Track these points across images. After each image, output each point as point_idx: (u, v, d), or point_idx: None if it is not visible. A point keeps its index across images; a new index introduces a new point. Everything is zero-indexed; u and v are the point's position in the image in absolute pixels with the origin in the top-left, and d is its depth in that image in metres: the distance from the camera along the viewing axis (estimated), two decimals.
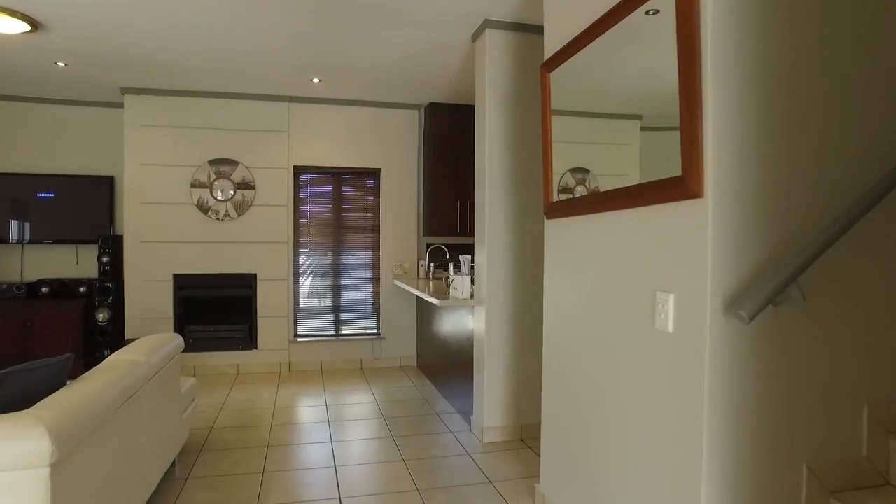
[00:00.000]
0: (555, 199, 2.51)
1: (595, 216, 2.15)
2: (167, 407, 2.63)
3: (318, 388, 4.75)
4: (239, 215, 5.17)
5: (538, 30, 3.50)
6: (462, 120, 5.47)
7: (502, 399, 3.52)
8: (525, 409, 3.56)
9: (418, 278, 5.60)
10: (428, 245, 5.65)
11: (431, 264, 5.60)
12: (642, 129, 1.97)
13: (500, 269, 3.48)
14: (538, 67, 3.55)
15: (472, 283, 3.72)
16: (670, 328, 1.71)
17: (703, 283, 1.58)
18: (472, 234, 5.51)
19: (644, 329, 1.84)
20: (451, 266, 3.89)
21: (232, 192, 5.14)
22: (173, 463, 2.98)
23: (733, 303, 1.56)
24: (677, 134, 1.64)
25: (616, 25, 1.96)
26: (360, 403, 4.32)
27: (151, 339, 2.63)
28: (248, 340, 5.27)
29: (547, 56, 2.52)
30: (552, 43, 2.49)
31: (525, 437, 3.55)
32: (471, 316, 3.75)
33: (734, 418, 1.59)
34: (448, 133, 5.43)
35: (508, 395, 3.53)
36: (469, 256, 3.79)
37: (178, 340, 2.86)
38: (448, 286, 4.04)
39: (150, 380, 2.33)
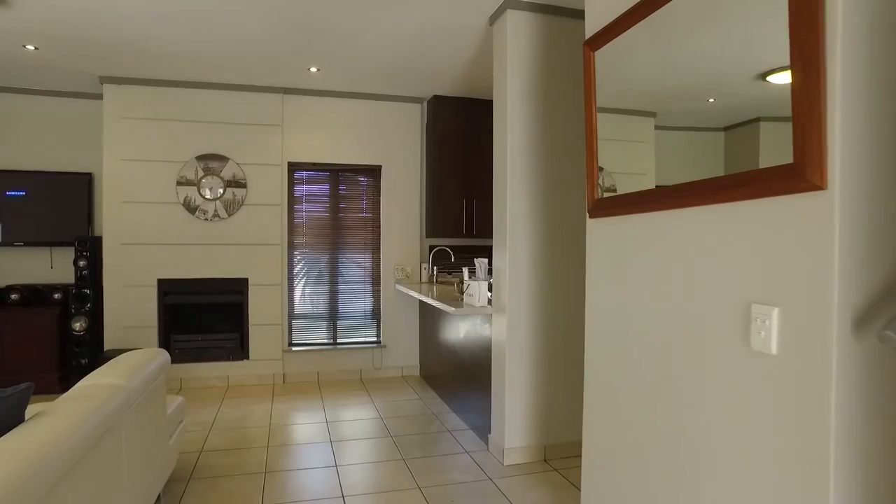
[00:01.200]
0: (600, 195, 2.19)
1: (660, 214, 1.84)
2: (151, 436, 2.27)
3: (316, 402, 4.39)
4: (229, 215, 4.80)
5: (566, 12, 3.20)
6: (469, 114, 5.16)
7: (525, 417, 3.20)
8: (549, 428, 3.24)
9: (421, 282, 5.27)
10: (431, 247, 5.33)
11: (435, 268, 5.27)
12: (656, 127, 1.92)
13: (523, 275, 3.17)
14: (566, 53, 3.24)
15: (489, 289, 3.40)
16: (773, 349, 1.40)
17: (825, 295, 1.27)
18: (478, 235, 5.20)
19: (734, 350, 1.53)
20: (464, 270, 3.57)
21: (221, 190, 4.76)
22: (158, 497, 2.61)
23: (870, 320, 1.26)
24: (691, 134, 1.34)
25: None
26: (363, 419, 3.97)
27: (133, 357, 2.27)
28: (240, 350, 4.89)
29: (591, 32, 2.20)
30: (597, 16, 2.18)
31: (549, 457, 3.24)
32: (488, 325, 3.43)
33: (874, 470, 1.28)
34: (454, 128, 5.12)
35: (532, 412, 3.21)
36: (485, 260, 3.47)
37: (164, 357, 2.50)
38: (461, 292, 3.71)
39: (132, 407, 1.97)
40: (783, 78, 1.40)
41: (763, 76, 1.46)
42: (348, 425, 3.85)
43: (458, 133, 5.13)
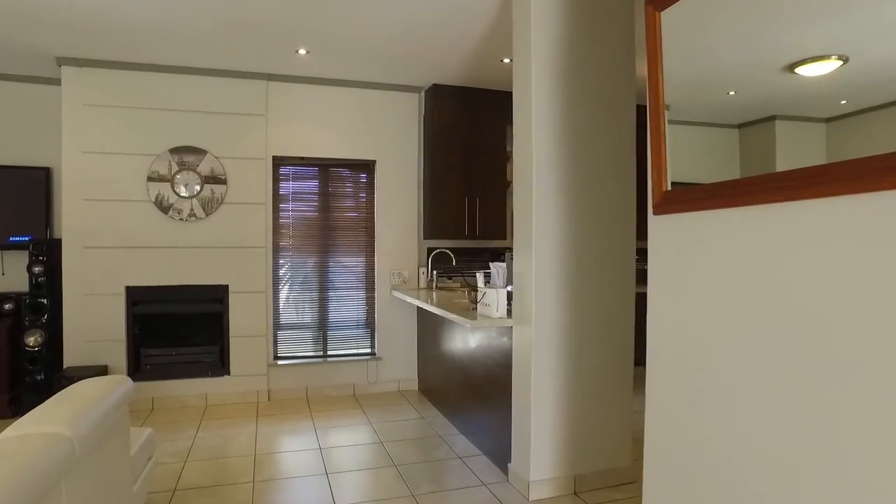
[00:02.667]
0: (668, 187, 1.79)
1: (768, 208, 1.44)
2: (108, 486, 1.80)
3: (306, 423, 3.92)
4: (207, 215, 4.30)
5: None
6: (471, 105, 4.75)
7: (552, 443, 2.78)
8: (580, 456, 2.84)
9: (419, 288, 4.84)
10: (430, 250, 4.90)
11: (434, 272, 4.84)
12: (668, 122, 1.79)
13: (551, 282, 2.75)
14: (599, 25, 2.84)
15: (509, 298, 2.98)
16: None
17: None
18: (481, 237, 4.79)
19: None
20: (478, 276, 3.14)
21: (198, 187, 4.27)
22: None
23: None
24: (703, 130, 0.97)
25: None
26: (361, 445, 3.52)
27: (85, 392, 1.80)
28: (219, 365, 4.40)
29: None
30: None
31: (580, 489, 2.83)
32: (505, 337, 3.01)
33: None
34: (454, 120, 4.70)
35: (560, 437, 2.80)
36: (503, 265, 3.05)
37: (126, 386, 2.04)
38: (474, 301, 3.29)
39: (79, 459, 1.51)
40: (815, 69, 1.31)
41: (791, 67, 1.37)
42: (345, 452, 3.39)
43: (459, 125, 4.71)
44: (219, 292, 4.36)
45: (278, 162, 4.58)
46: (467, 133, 4.74)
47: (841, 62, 1.26)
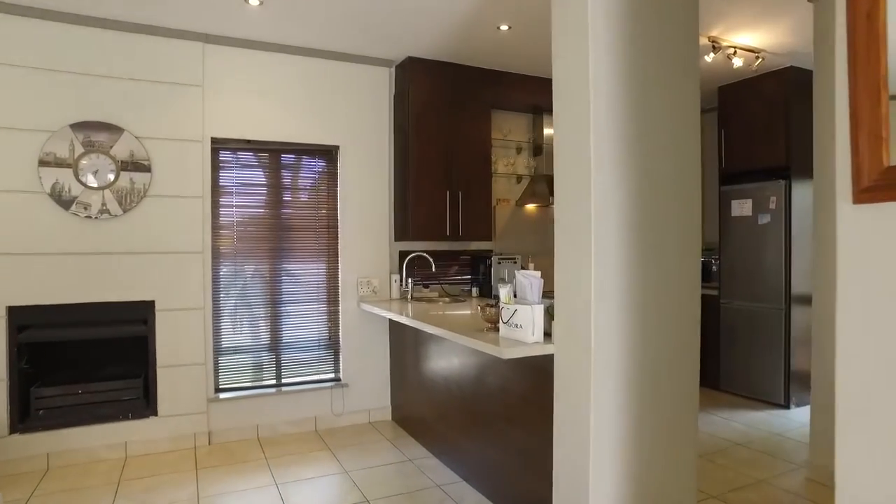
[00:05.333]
0: (890, 161, 1.20)
1: None
2: None
3: (263, 476, 3.07)
4: (125, 211, 3.34)
5: None
6: (454, 84, 4.08)
7: (616, 499, 2.15)
8: None
9: (391, 299, 4.09)
10: (402, 254, 4.16)
11: (410, 280, 4.11)
12: None
13: (614, 296, 2.12)
14: None
15: (549, 315, 2.32)
16: None
17: None
18: (465, 237, 4.12)
19: None
20: (502, 290, 2.45)
21: (112, 175, 3.30)
22: None
23: None
24: None
25: None
26: None
27: None
28: (143, 404, 3.43)
29: None
30: None
31: None
32: (531, 361, 2.35)
33: None
34: (434, 101, 4.00)
35: (622, 495, 2.17)
36: (536, 273, 2.39)
37: None
38: (491, 321, 2.60)
39: None
40: None
41: None
42: None
43: (438, 107, 4.01)
44: (141, 310, 3.40)
45: (218, 145, 3.67)
46: (447, 116, 4.05)
47: None
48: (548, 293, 2.32)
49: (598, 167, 2.08)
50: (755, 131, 4.45)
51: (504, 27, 3.45)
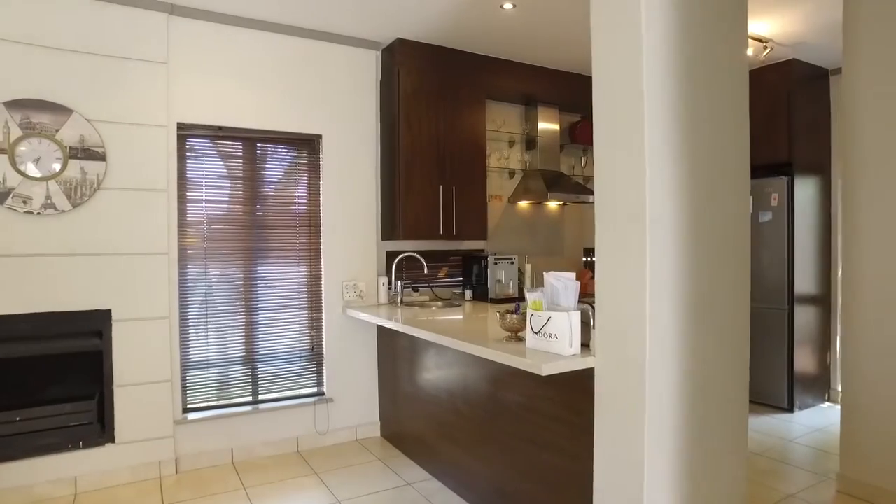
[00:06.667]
0: None
1: None
2: None
3: None
4: (74, 206, 2.86)
5: None
6: (447, 69, 3.79)
7: None
8: None
9: (378, 304, 3.74)
10: (390, 254, 3.82)
11: (399, 283, 3.76)
12: None
13: (669, 304, 1.85)
14: None
15: (590, 323, 2.04)
16: None
17: None
18: (460, 237, 3.81)
19: None
20: (529, 295, 2.14)
21: (59, 164, 2.82)
22: None
23: None
24: None
25: None
26: None
27: None
28: (97, 430, 2.96)
29: None
30: None
31: None
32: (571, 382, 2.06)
33: None
34: (425, 87, 3.67)
35: None
36: (571, 275, 2.10)
37: None
38: (512, 330, 2.30)
39: None
40: None
41: None
42: None
43: (431, 94, 3.69)
44: (95, 321, 2.92)
45: (186, 132, 3.23)
46: (439, 104, 3.73)
47: None
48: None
49: (651, 165, 1.80)
50: (756, 126, 4.29)
51: (508, 5, 3.16)
